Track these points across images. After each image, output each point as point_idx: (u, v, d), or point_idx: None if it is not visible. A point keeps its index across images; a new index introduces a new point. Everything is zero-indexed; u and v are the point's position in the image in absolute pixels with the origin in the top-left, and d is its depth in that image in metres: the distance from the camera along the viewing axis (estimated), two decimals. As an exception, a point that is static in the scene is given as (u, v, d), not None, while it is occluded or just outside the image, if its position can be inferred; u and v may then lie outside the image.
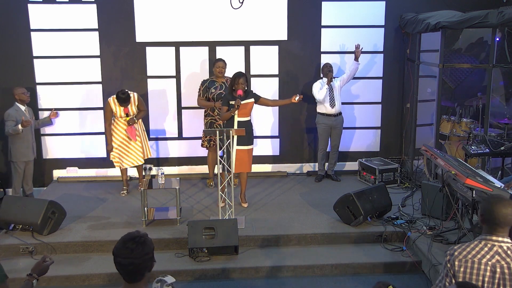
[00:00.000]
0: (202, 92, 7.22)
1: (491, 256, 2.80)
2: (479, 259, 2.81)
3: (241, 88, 6.23)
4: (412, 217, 6.17)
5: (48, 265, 3.04)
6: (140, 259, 2.52)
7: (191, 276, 5.32)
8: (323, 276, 5.38)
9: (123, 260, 2.51)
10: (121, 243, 2.56)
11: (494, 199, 2.91)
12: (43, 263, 3.02)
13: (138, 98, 7.02)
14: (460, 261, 2.83)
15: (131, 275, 2.55)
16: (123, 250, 2.52)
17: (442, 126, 7.33)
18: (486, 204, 2.90)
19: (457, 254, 2.86)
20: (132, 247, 2.52)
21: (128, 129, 6.97)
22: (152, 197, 7.05)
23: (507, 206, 2.81)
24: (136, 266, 2.52)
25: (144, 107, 7.12)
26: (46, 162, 7.93)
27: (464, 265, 2.82)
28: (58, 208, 6.02)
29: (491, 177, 5.09)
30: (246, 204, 6.73)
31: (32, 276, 2.97)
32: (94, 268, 5.38)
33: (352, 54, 7.60)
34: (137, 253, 2.52)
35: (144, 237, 2.59)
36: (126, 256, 2.51)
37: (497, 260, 2.79)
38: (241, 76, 6.29)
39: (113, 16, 7.66)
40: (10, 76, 7.61)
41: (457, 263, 2.83)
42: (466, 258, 2.83)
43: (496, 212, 2.81)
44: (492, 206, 2.83)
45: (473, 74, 8.17)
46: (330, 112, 7.45)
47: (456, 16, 6.51)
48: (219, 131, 5.86)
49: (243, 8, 7.72)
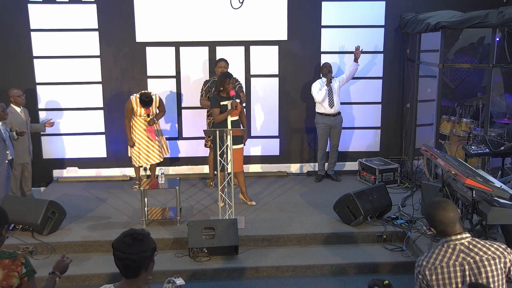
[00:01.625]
0: (204, 92, 7.22)
1: (456, 256, 2.86)
2: (447, 263, 2.85)
3: (232, 88, 6.25)
4: (412, 217, 6.17)
5: (68, 263, 3.16)
6: (137, 256, 2.54)
7: (191, 276, 5.32)
8: (323, 276, 5.39)
9: (121, 254, 2.55)
10: (120, 237, 2.60)
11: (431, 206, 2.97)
12: (63, 262, 3.14)
13: (160, 99, 7.12)
14: (430, 270, 2.87)
15: (126, 270, 2.58)
16: (121, 243, 2.57)
17: (442, 126, 7.33)
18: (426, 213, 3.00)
19: (425, 264, 2.90)
20: (129, 242, 2.55)
21: (148, 129, 7.07)
22: (152, 197, 7.06)
23: (444, 207, 2.89)
24: (132, 262, 2.55)
25: (163, 108, 7.21)
26: (46, 162, 7.93)
27: (435, 272, 2.86)
28: (58, 208, 6.02)
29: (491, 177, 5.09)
30: (253, 202, 6.76)
31: (55, 274, 3.08)
32: (94, 268, 5.39)
33: (352, 54, 7.60)
34: (134, 249, 2.54)
35: (145, 235, 2.61)
36: (124, 250, 2.54)
37: (463, 258, 2.85)
38: (231, 76, 6.32)
39: (113, 16, 7.66)
40: (10, 76, 7.61)
41: (428, 272, 2.87)
42: (435, 265, 2.87)
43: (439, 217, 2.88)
44: (433, 213, 2.91)
45: (473, 74, 8.17)
46: (329, 112, 7.45)
47: (456, 16, 6.51)
48: (219, 131, 5.86)
49: (243, 8, 7.72)
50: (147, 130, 7.06)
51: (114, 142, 7.95)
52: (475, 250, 2.85)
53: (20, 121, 6.92)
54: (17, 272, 2.93)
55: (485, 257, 2.83)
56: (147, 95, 6.82)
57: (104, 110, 7.90)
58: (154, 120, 7.06)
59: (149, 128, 7.07)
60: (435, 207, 2.92)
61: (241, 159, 6.47)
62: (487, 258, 2.82)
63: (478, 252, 2.84)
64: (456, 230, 2.90)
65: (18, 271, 2.93)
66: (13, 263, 2.93)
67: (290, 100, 8.07)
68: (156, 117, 7.13)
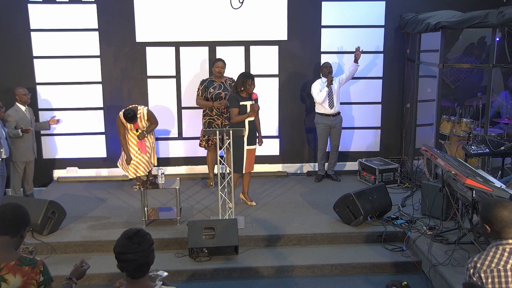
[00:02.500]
0: (201, 91, 7.23)
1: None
2: (504, 266, 2.76)
3: (253, 90, 6.29)
4: (412, 217, 6.18)
5: (86, 269, 3.12)
6: (147, 252, 2.62)
7: (191, 276, 5.32)
8: (323, 276, 5.39)
9: (133, 255, 2.57)
10: (126, 240, 2.61)
11: (491, 204, 2.84)
12: (81, 268, 3.12)
13: (148, 112, 7.03)
14: (486, 272, 2.76)
15: (139, 269, 2.61)
16: (131, 245, 2.58)
17: (442, 126, 7.32)
18: (485, 212, 2.84)
19: (480, 266, 2.79)
20: (139, 241, 2.60)
21: (138, 143, 7.09)
22: (152, 197, 7.06)
23: (506, 207, 2.78)
24: (145, 259, 2.61)
25: (154, 120, 7.13)
26: (46, 162, 7.93)
27: (491, 275, 2.76)
28: (58, 208, 6.02)
29: (491, 177, 5.09)
30: (253, 202, 6.77)
31: (71, 280, 3.07)
32: (94, 268, 5.35)
33: (352, 54, 7.60)
34: (144, 245, 2.61)
35: (143, 231, 2.68)
36: (135, 250, 2.57)
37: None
38: (253, 77, 6.34)
39: (113, 16, 7.66)
40: (10, 76, 7.62)
41: (483, 275, 2.76)
42: (491, 268, 2.76)
43: (501, 216, 2.76)
44: (492, 212, 2.78)
45: (473, 74, 8.17)
46: (329, 112, 7.45)
47: (456, 16, 6.51)
48: (218, 131, 5.86)
49: (243, 8, 7.72)
50: (138, 144, 7.09)
51: (114, 142, 7.94)
52: None
53: (25, 120, 6.98)
54: (36, 280, 2.87)
55: None
56: (129, 111, 6.79)
57: (104, 110, 7.90)
58: (144, 134, 7.04)
59: (138, 142, 7.09)
60: (498, 205, 2.79)
61: (253, 160, 6.54)
62: None
63: None
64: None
65: (37, 279, 2.88)
66: (33, 270, 2.87)
67: (290, 100, 8.07)
68: (148, 129, 7.08)
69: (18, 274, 2.83)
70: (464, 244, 5.23)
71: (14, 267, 2.84)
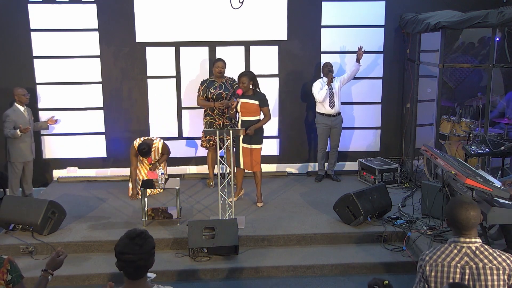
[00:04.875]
0: (201, 92, 7.22)
1: (460, 258, 2.84)
2: (449, 262, 2.85)
3: (241, 87, 6.28)
4: (412, 217, 6.18)
5: (62, 259, 3.01)
6: (148, 254, 2.60)
7: (191, 276, 5.32)
8: (323, 276, 5.39)
9: (134, 256, 2.56)
10: (128, 240, 2.60)
11: (456, 203, 2.91)
12: (57, 258, 3.00)
13: (162, 146, 6.97)
14: (431, 266, 2.88)
15: (138, 271, 2.60)
16: (133, 246, 2.57)
17: (442, 126, 7.33)
18: (449, 209, 2.92)
19: (428, 259, 2.90)
20: (141, 243, 2.59)
21: (149, 173, 7.07)
22: (152, 197, 7.06)
23: (468, 210, 2.83)
24: (145, 261, 2.59)
25: (167, 150, 7.07)
26: (46, 162, 7.93)
27: (435, 269, 2.86)
28: (58, 208, 6.02)
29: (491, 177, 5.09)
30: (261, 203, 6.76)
31: (47, 271, 2.96)
32: (94, 268, 5.38)
33: (352, 54, 7.60)
34: (146, 247, 2.59)
35: (147, 233, 2.67)
36: (136, 252, 2.56)
37: (466, 262, 2.82)
38: (242, 75, 6.37)
39: (113, 16, 7.66)
40: (10, 76, 7.61)
41: (428, 268, 2.88)
42: (436, 262, 2.87)
43: (458, 216, 2.84)
44: (454, 211, 2.86)
45: (473, 74, 8.17)
46: (329, 112, 7.45)
47: (456, 16, 6.51)
48: (219, 131, 5.87)
49: (243, 8, 7.72)
50: (149, 173, 7.09)
51: (114, 142, 7.95)
52: (480, 256, 2.82)
53: (23, 120, 6.97)
54: (3, 280, 2.83)
55: (489, 265, 2.79)
56: (144, 146, 6.67)
57: (104, 110, 7.90)
58: (156, 165, 7.02)
59: (149, 172, 7.09)
60: (460, 206, 2.86)
61: (250, 159, 6.51)
62: (490, 267, 2.79)
63: (483, 259, 2.81)
64: (469, 234, 2.86)
65: (4, 279, 2.83)
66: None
67: (290, 100, 8.07)
68: (159, 161, 7.04)
69: None
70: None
71: None
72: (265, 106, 6.47)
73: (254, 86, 6.45)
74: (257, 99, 6.41)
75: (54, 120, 7.65)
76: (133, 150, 6.86)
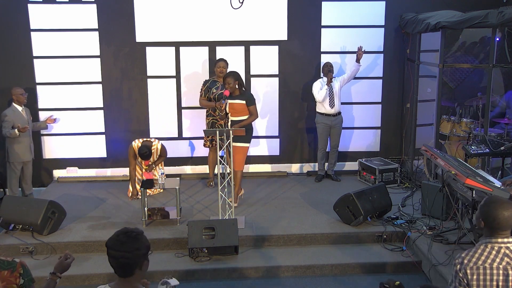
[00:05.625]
0: (203, 92, 7.22)
1: (500, 259, 2.76)
2: (490, 264, 2.76)
3: (227, 88, 6.24)
4: (412, 217, 6.18)
5: (70, 263, 3.04)
6: (131, 254, 2.55)
7: (191, 276, 5.32)
8: (323, 276, 5.39)
9: (114, 252, 2.55)
10: (114, 235, 2.61)
11: (493, 202, 2.82)
12: (65, 261, 3.02)
13: (161, 148, 6.99)
14: (472, 269, 2.77)
15: (121, 268, 2.58)
16: (115, 242, 2.57)
17: (442, 126, 7.33)
18: (486, 207, 2.81)
19: (467, 262, 2.79)
20: (123, 240, 2.56)
21: (145, 174, 7.08)
22: (152, 197, 7.06)
23: (508, 209, 2.75)
24: (126, 260, 2.55)
25: (165, 153, 7.08)
26: (46, 162, 7.93)
27: (477, 272, 2.76)
28: (58, 208, 6.02)
29: (491, 177, 5.09)
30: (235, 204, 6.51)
31: (55, 274, 2.98)
32: (94, 268, 5.38)
33: (352, 54, 7.60)
34: (128, 246, 2.55)
35: (138, 233, 2.62)
36: (117, 248, 2.55)
37: (507, 262, 2.75)
38: (227, 76, 6.33)
39: (113, 16, 7.66)
40: (10, 76, 7.61)
41: (469, 271, 2.77)
42: (477, 265, 2.77)
43: (498, 216, 2.74)
44: (492, 210, 2.76)
45: (473, 74, 8.17)
46: (329, 112, 7.45)
47: (456, 16, 6.51)
48: (219, 131, 5.86)
49: (243, 8, 7.72)
50: (145, 174, 7.09)
51: (114, 142, 7.95)
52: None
53: (22, 120, 6.96)
54: (16, 284, 2.84)
55: None
56: (144, 150, 6.64)
57: (104, 110, 7.90)
58: (152, 166, 7.03)
59: (145, 173, 7.09)
60: (498, 205, 2.77)
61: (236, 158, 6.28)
62: None
63: None
64: (506, 234, 2.78)
65: (17, 283, 2.84)
66: (12, 274, 2.83)
67: (290, 100, 8.07)
68: (156, 162, 7.04)
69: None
70: (464, 244, 5.23)
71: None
72: (252, 104, 6.42)
73: (240, 85, 6.42)
74: (244, 98, 6.38)
75: (53, 120, 7.64)
76: (132, 151, 6.85)
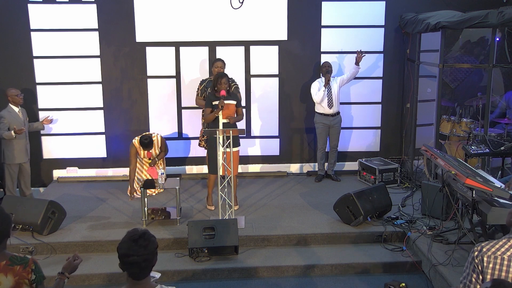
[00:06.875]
0: (200, 91, 7.22)
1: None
2: (509, 256, 2.83)
3: (223, 88, 6.21)
4: (412, 217, 6.18)
5: (78, 264, 3.09)
6: (152, 254, 2.61)
7: (191, 276, 5.32)
8: (323, 276, 5.38)
9: (139, 257, 2.55)
10: (132, 242, 2.58)
11: None
12: (74, 262, 3.07)
13: (161, 140, 7.02)
14: (489, 257, 2.84)
15: (143, 271, 2.60)
16: (137, 248, 2.56)
17: (442, 126, 7.33)
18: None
19: (485, 251, 2.87)
20: (145, 244, 2.58)
21: (149, 169, 7.10)
22: (152, 197, 7.07)
23: None
24: (149, 262, 2.60)
25: (165, 147, 7.11)
26: (46, 162, 7.93)
27: (493, 261, 2.83)
28: (58, 208, 6.02)
29: (491, 177, 5.09)
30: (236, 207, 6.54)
31: (63, 274, 3.02)
32: (94, 268, 5.38)
33: (352, 54, 7.60)
34: (150, 248, 2.60)
35: (149, 233, 2.67)
36: (141, 253, 2.56)
37: None
38: (223, 76, 6.30)
39: (113, 16, 7.66)
40: (10, 76, 7.61)
41: (486, 259, 2.85)
42: (496, 255, 2.84)
43: None
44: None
45: (473, 74, 8.17)
46: (328, 112, 7.45)
47: (456, 16, 6.51)
48: (217, 131, 5.86)
49: (243, 8, 7.72)
50: (148, 170, 7.11)
51: (114, 142, 7.95)
52: None
53: (18, 121, 6.92)
54: (28, 279, 2.87)
55: None
56: (146, 137, 6.72)
57: (104, 110, 7.90)
58: (155, 161, 7.04)
59: (150, 168, 7.11)
60: None
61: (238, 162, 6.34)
62: None
63: None
64: None
65: (29, 278, 2.87)
66: (24, 269, 2.87)
67: (290, 100, 8.07)
68: (158, 157, 7.06)
69: (9, 274, 2.83)
70: (464, 244, 5.23)
71: (5, 267, 2.84)
72: (240, 106, 6.46)
73: (229, 87, 6.46)
74: (234, 99, 6.37)
75: (50, 120, 7.57)
76: (133, 149, 6.85)
